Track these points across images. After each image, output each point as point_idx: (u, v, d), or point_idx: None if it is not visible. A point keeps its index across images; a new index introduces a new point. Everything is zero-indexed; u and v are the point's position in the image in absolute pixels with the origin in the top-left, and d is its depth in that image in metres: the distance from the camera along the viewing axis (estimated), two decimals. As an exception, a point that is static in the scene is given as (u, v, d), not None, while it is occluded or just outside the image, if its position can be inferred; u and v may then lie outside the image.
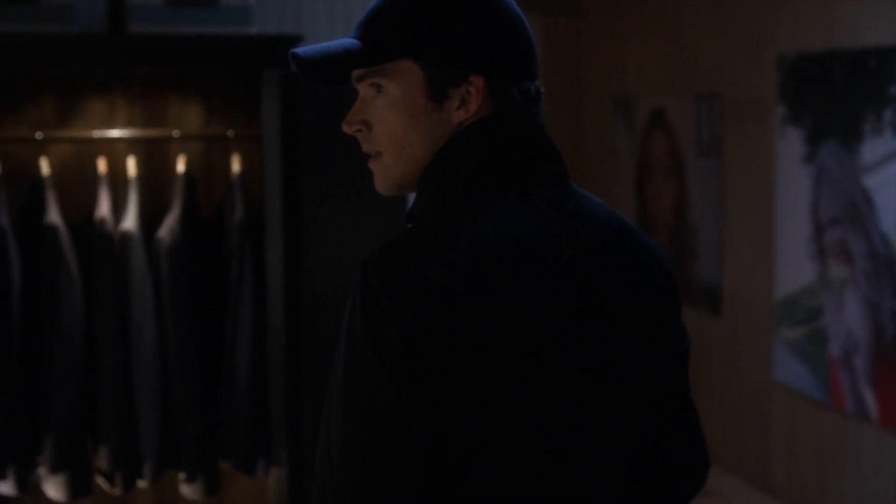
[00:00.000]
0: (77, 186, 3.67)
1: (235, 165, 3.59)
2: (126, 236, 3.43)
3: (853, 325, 4.46)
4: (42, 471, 3.54)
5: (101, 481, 3.62)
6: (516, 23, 1.46)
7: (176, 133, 3.66)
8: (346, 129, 1.48)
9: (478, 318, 1.30)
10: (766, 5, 5.01)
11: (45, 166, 3.51)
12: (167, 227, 3.48)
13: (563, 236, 1.40)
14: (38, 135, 3.54)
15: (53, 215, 3.42)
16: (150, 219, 3.58)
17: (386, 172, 1.47)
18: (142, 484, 3.61)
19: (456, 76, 1.40)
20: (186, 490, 3.62)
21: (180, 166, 3.59)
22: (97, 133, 3.62)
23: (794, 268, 4.84)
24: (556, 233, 1.40)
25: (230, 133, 3.67)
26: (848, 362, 4.50)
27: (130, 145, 3.69)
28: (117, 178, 3.64)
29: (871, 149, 4.30)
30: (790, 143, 4.82)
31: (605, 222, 1.47)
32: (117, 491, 3.56)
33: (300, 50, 1.45)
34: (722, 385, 5.49)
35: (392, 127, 1.43)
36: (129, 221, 3.46)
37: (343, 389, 1.32)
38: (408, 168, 1.45)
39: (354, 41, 1.44)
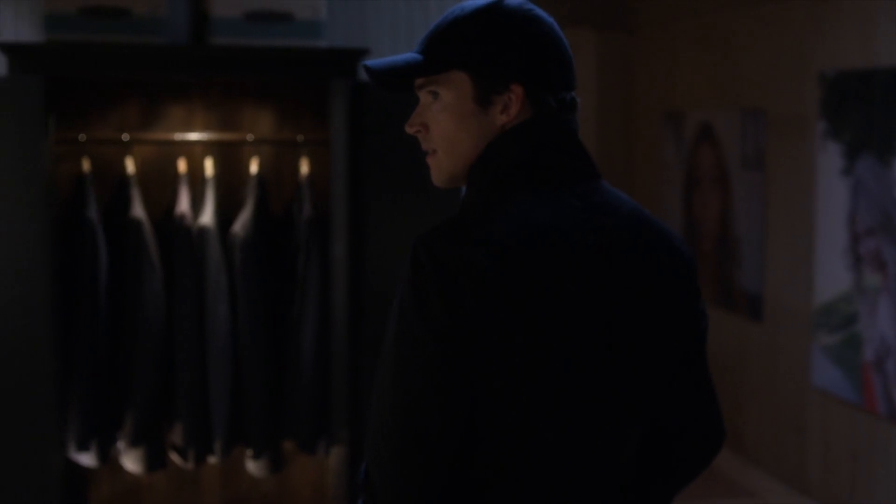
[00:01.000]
0: (158, 184, 3.94)
1: (304, 167, 3.87)
2: (203, 230, 3.71)
3: (886, 330, 4.65)
4: (121, 445, 3.83)
5: (173, 456, 3.91)
6: (554, 40, 1.70)
7: (250, 137, 3.94)
8: (408, 129, 1.75)
9: (507, 291, 1.54)
10: (809, 24, 5.21)
11: (130, 165, 3.80)
12: (241, 223, 3.75)
13: (587, 224, 1.63)
14: (125, 136, 3.83)
15: (138, 210, 3.71)
16: (224, 215, 3.85)
17: (440, 167, 1.73)
18: (212, 460, 3.88)
19: (499, 85, 1.66)
20: (252, 467, 3.90)
21: (253, 167, 3.86)
22: (178, 136, 3.92)
23: (832, 276, 5.03)
24: (580, 221, 1.62)
25: (299, 138, 3.94)
26: (880, 366, 4.69)
27: (208, 147, 3.96)
28: (195, 178, 3.91)
29: (905, 163, 4.49)
30: (830, 157, 5.01)
31: (628, 214, 1.70)
32: (189, 465, 3.84)
33: (371, 62, 1.72)
34: (762, 389, 5.68)
35: (445, 128, 1.69)
36: (206, 217, 3.74)
37: (394, 348, 1.56)
38: (458, 163, 1.71)
39: (417, 55, 1.71)
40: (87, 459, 3.77)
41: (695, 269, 1.77)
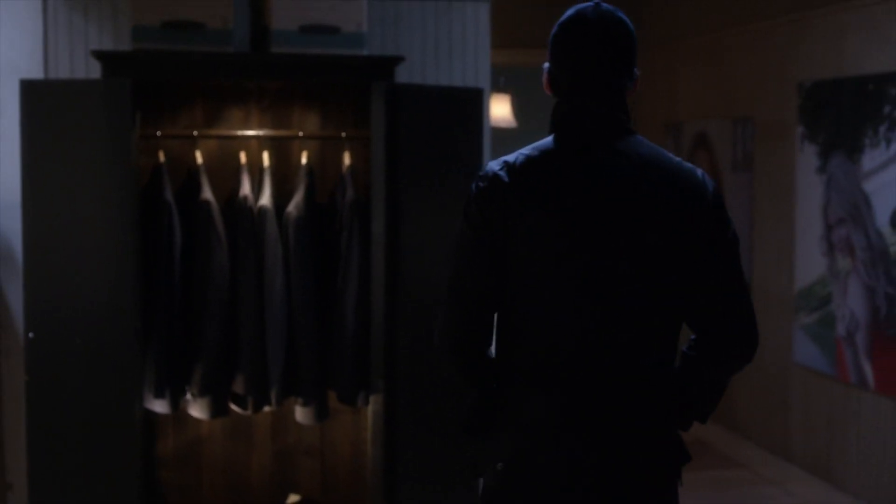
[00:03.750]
0: (221, 175, 4.55)
1: (347, 159, 4.52)
2: (263, 210, 4.35)
3: (855, 307, 5.26)
4: (189, 396, 4.46)
5: (234, 407, 4.54)
6: (564, 44, 2.42)
7: (300, 133, 4.60)
8: None
9: (518, 198, 2.33)
10: (789, 41, 5.85)
11: (199, 157, 4.45)
12: (294, 204, 4.39)
13: (593, 159, 2.37)
14: (195, 132, 4.49)
15: (207, 193, 4.34)
16: (279, 199, 4.50)
17: None
18: (267, 408, 4.52)
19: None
20: (300, 414, 4.52)
21: (303, 159, 4.52)
22: (239, 132, 4.57)
23: (810, 262, 5.65)
24: (588, 156, 2.38)
25: (343, 134, 4.60)
26: (851, 340, 5.30)
27: (263, 142, 4.62)
28: (253, 169, 4.57)
29: (870, 158, 5.11)
30: (807, 157, 5.64)
31: (642, 154, 2.37)
32: (249, 412, 4.48)
33: None
34: (751, 370, 6.27)
35: None
36: (265, 199, 4.38)
37: (454, 243, 2.41)
38: None
39: None
40: (160, 407, 4.39)
41: (703, 189, 2.37)
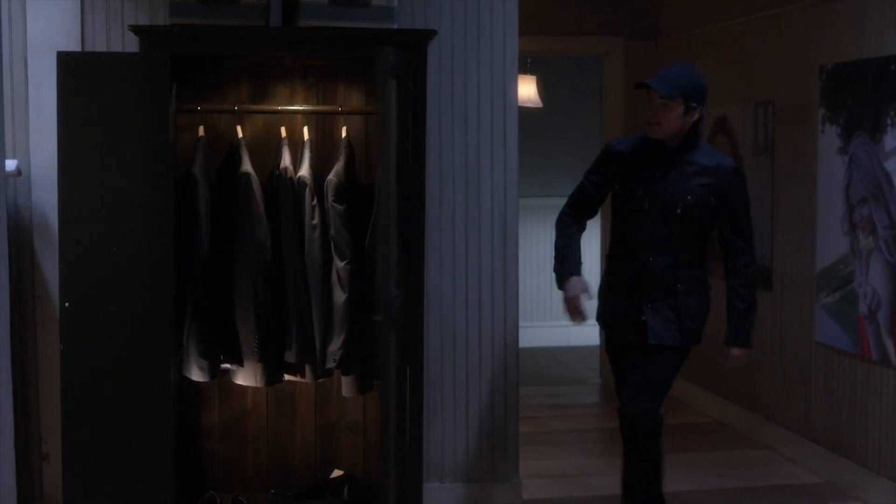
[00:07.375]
0: (262, 148, 4.65)
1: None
2: (302, 180, 4.45)
3: (877, 285, 5.33)
4: (232, 366, 4.56)
5: (288, 376, 4.65)
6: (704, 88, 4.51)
7: (339, 108, 4.71)
8: (649, 114, 4.52)
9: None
10: (811, 24, 5.93)
11: (240, 131, 4.52)
12: (334, 173, 4.48)
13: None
14: (235, 108, 4.60)
15: (247, 165, 4.42)
16: (318, 170, 4.58)
17: (661, 132, 4.46)
18: (308, 379, 4.62)
19: (692, 106, 4.45)
20: (346, 386, 4.62)
21: (343, 133, 4.62)
22: (280, 107, 4.69)
23: (831, 242, 5.72)
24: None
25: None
26: (873, 318, 5.37)
27: (305, 117, 4.71)
28: (293, 142, 4.62)
29: (892, 138, 5.19)
30: (828, 138, 5.72)
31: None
32: (306, 380, 4.62)
33: (646, 81, 4.52)
34: (773, 351, 6.34)
35: (668, 119, 4.44)
36: (304, 170, 4.48)
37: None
38: (668, 133, 4.48)
39: (657, 84, 4.42)
40: (198, 376, 4.47)
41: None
